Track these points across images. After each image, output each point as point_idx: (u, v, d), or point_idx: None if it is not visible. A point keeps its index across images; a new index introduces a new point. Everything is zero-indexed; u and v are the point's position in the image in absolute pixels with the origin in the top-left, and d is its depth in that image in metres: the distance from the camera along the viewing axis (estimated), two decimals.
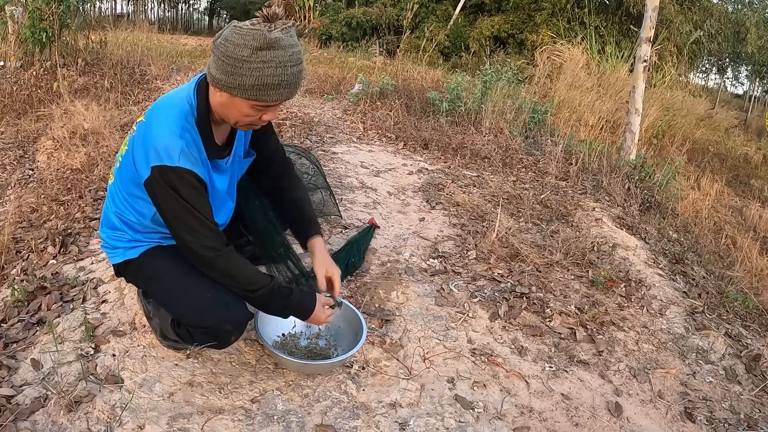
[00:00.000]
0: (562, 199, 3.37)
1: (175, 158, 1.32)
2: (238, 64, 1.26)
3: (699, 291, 2.56)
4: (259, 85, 1.28)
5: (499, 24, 12.13)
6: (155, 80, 5.56)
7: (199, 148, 1.39)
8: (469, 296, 2.16)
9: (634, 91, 4.75)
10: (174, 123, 1.35)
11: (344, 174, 3.39)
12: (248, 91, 1.29)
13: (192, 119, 1.39)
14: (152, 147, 1.33)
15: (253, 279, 1.45)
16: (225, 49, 1.28)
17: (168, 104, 1.41)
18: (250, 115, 1.36)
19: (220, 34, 1.32)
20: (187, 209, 1.36)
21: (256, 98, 1.30)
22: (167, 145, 1.32)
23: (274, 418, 1.47)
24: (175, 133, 1.34)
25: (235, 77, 1.28)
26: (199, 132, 1.40)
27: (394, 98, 5.53)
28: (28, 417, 1.38)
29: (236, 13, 23.87)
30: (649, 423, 1.71)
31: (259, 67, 1.26)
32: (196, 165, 1.36)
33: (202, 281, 1.50)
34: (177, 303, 1.50)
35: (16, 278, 2.10)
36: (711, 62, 19.20)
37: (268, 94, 1.30)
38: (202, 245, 1.38)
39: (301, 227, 1.71)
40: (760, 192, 6.39)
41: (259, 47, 1.25)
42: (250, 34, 1.25)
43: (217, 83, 1.32)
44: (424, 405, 1.60)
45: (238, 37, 1.26)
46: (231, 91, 1.31)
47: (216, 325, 1.47)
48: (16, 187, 3.18)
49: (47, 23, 4.96)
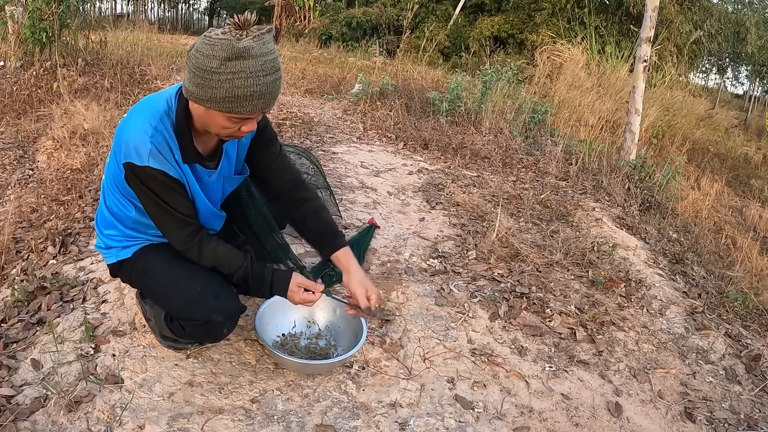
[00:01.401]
0: (562, 199, 3.37)
1: (144, 158, 1.32)
2: (208, 75, 1.22)
3: (699, 291, 2.56)
4: (231, 97, 1.23)
5: (499, 24, 12.14)
6: (155, 80, 5.56)
7: (172, 149, 1.37)
8: (469, 296, 2.16)
9: (634, 91, 4.75)
10: (146, 122, 1.34)
11: (344, 174, 3.39)
12: (220, 103, 1.25)
13: (167, 120, 1.37)
14: (124, 143, 1.33)
15: (230, 263, 1.48)
16: (195, 60, 1.24)
17: (147, 104, 1.40)
18: (228, 126, 1.32)
19: (193, 45, 1.28)
20: (159, 205, 1.38)
21: (229, 111, 1.26)
22: (137, 143, 1.32)
23: (274, 418, 1.47)
24: (146, 132, 1.32)
25: (206, 90, 1.24)
26: (175, 134, 1.37)
27: (394, 98, 5.53)
28: (28, 417, 1.38)
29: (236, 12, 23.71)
30: (649, 423, 1.71)
31: (229, 79, 1.21)
32: (165, 165, 1.34)
33: (193, 274, 1.49)
34: (168, 296, 1.51)
35: (16, 278, 2.10)
36: (711, 62, 19.21)
37: (241, 105, 1.25)
38: (175, 238, 1.45)
39: (325, 238, 1.64)
40: (760, 192, 6.39)
41: (228, 57, 1.20)
42: (219, 44, 1.20)
43: (191, 96, 1.29)
44: (424, 405, 1.60)
45: (207, 47, 1.22)
46: (204, 104, 1.27)
47: (206, 316, 1.46)
48: (16, 187, 3.18)
49: (47, 23, 4.96)
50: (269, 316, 1.71)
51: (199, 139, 1.44)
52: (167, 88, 1.44)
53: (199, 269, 1.51)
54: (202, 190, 1.49)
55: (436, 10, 13.38)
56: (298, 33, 13.28)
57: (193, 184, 1.45)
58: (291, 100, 5.67)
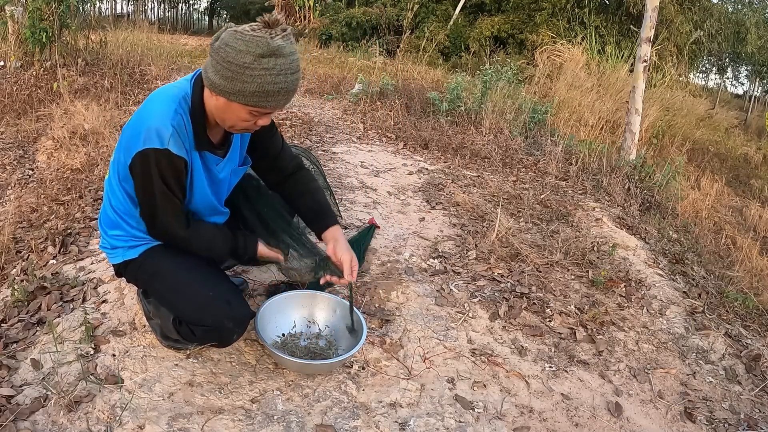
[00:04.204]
0: (562, 199, 3.38)
1: (165, 141, 1.33)
2: (240, 70, 1.26)
3: (699, 291, 2.56)
4: (260, 92, 1.28)
5: (499, 24, 12.13)
6: (155, 80, 5.56)
7: (189, 134, 1.39)
8: (469, 296, 2.16)
9: (634, 91, 4.75)
10: (167, 105, 1.35)
11: (344, 174, 3.39)
12: (248, 97, 1.29)
13: (185, 105, 1.39)
14: (145, 129, 1.33)
15: (215, 235, 1.55)
16: (225, 54, 1.27)
17: (163, 92, 1.41)
18: (247, 120, 1.36)
19: (218, 37, 1.30)
20: (163, 192, 1.38)
21: (255, 104, 1.30)
22: (158, 126, 1.32)
23: (274, 418, 1.47)
24: (167, 115, 1.34)
25: (235, 83, 1.28)
26: (191, 120, 1.40)
27: (394, 98, 5.53)
28: (28, 417, 1.38)
29: (236, 12, 23.86)
30: (649, 423, 1.71)
31: (261, 74, 1.26)
32: (182, 150, 1.36)
33: (204, 279, 1.51)
34: (178, 301, 1.50)
35: (16, 278, 2.10)
36: (711, 62, 19.21)
37: (267, 100, 1.30)
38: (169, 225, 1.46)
39: (317, 217, 1.70)
40: (760, 192, 6.39)
41: (262, 54, 1.24)
42: (254, 41, 1.24)
43: (215, 88, 1.31)
44: (424, 405, 1.60)
45: (240, 42, 1.25)
46: (230, 97, 1.30)
47: (217, 323, 1.48)
48: (16, 187, 3.18)
49: (47, 23, 4.96)
50: (269, 316, 1.71)
51: (210, 128, 1.46)
52: (177, 81, 1.45)
53: (209, 274, 1.53)
54: (208, 178, 1.51)
55: (436, 10, 13.37)
56: (298, 33, 13.30)
57: (198, 171, 1.47)
58: (291, 100, 5.66)
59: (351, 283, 1.67)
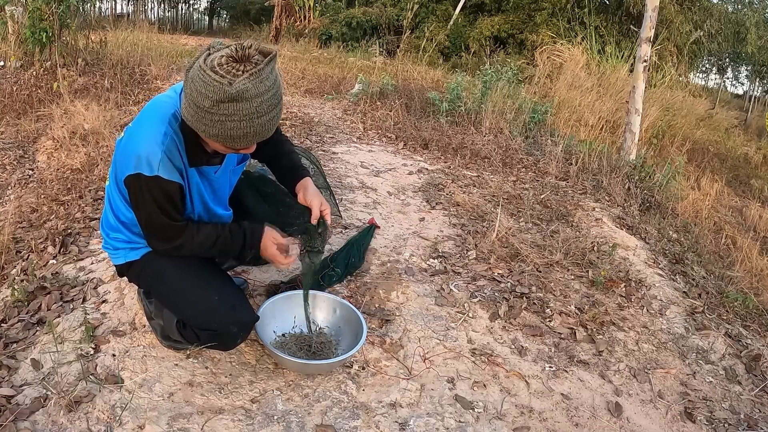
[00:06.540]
0: (562, 199, 3.37)
1: (155, 167, 1.31)
2: (201, 113, 1.21)
3: (699, 291, 2.56)
4: (224, 135, 1.23)
5: (499, 24, 12.14)
6: (155, 80, 5.56)
7: (181, 153, 1.37)
8: (469, 296, 2.16)
9: (634, 91, 4.75)
10: (156, 129, 1.33)
11: (344, 174, 3.39)
12: (213, 137, 1.25)
13: (176, 123, 1.36)
14: (134, 156, 1.32)
15: (209, 234, 1.49)
16: (190, 91, 1.21)
17: (154, 110, 1.39)
18: (226, 150, 1.34)
19: (191, 65, 1.23)
20: (155, 211, 1.37)
21: (224, 144, 1.28)
22: (148, 153, 1.31)
23: (274, 418, 1.47)
24: (156, 140, 1.31)
25: (199, 123, 1.24)
26: (183, 136, 1.37)
27: (394, 98, 5.53)
28: (28, 417, 1.38)
29: (236, 12, 23.85)
30: (649, 423, 1.71)
31: (222, 120, 1.20)
32: (173, 174, 1.34)
33: (208, 283, 1.51)
34: (183, 305, 1.50)
35: (16, 278, 2.10)
36: (711, 62, 19.21)
37: (234, 142, 1.26)
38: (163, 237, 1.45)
39: (290, 173, 1.68)
40: (760, 192, 6.39)
41: (220, 100, 1.17)
42: (212, 85, 1.16)
43: (186, 121, 1.28)
44: (424, 405, 1.60)
45: (201, 83, 1.18)
46: (199, 132, 1.28)
47: (223, 327, 1.47)
48: (16, 187, 3.18)
49: (47, 23, 4.95)
50: (269, 315, 1.71)
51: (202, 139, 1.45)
52: (172, 90, 1.44)
53: (213, 277, 1.52)
54: (208, 187, 1.50)
55: (436, 10, 13.38)
56: (298, 33, 13.30)
57: (197, 185, 1.46)
58: (291, 100, 5.67)
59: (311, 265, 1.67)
